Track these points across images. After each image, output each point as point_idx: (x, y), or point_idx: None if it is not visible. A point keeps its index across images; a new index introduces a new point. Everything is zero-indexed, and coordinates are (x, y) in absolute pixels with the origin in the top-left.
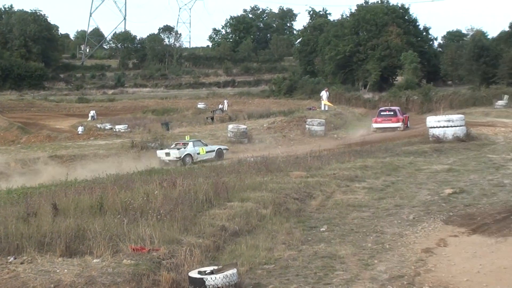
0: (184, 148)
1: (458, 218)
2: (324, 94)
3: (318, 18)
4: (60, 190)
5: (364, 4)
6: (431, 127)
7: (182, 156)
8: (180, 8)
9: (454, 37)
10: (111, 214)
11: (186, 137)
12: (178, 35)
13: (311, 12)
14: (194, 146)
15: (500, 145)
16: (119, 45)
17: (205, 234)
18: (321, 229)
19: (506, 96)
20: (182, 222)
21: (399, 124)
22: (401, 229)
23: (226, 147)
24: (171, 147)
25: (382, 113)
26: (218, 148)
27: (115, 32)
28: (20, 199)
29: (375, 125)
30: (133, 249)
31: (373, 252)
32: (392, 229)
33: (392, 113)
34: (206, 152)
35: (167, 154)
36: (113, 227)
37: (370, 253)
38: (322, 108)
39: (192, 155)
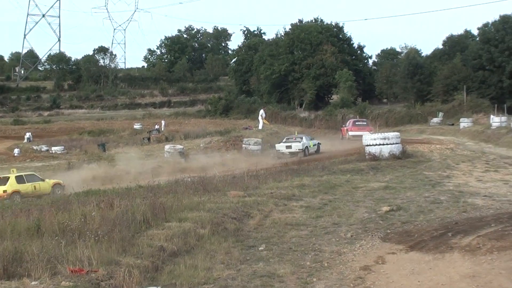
0: (300, 141)
1: (395, 235)
2: (263, 113)
3: (253, 38)
4: None
5: (298, 23)
6: (367, 145)
7: (304, 148)
8: (114, 29)
9: (388, 55)
10: (48, 236)
11: (295, 132)
12: (113, 56)
13: (246, 32)
14: (306, 140)
15: (435, 162)
16: (54, 66)
17: (144, 255)
18: (260, 248)
19: (441, 114)
20: (120, 243)
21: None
22: (339, 247)
23: (320, 142)
24: (283, 141)
25: (357, 123)
26: (318, 143)
27: (50, 53)
28: None
29: (351, 133)
30: (72, 271)
31: (312, 271)
32: (331, 247)
33: (364, 123)
34: (313, 145)
35: (288, 147)
36: (51, 249)
37: (309, 272)
38: (259, 127)
39: (308, 148)
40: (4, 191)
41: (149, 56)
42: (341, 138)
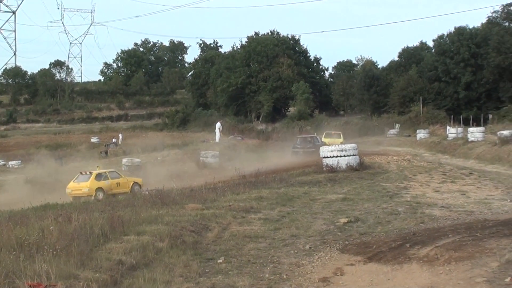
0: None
1: (354, 247)
2: (220, 126)
3: (209, 51)
4: None
5: (254, 36)
6: (325, 157)
7: None
8: (70, 43)
9: (344, 67)
10: (6, 250)
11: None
12: (69, 70)
13: (202, 45)
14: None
15: (393, 173)
16: (10, 80)
17: (102, 269)
18: (218, 261)
19: (397, 125)
20: (78, 257)
21: None
22: (298, 259)
23: None
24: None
25: None
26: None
27: (6, 67)
28: None
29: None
30: (30, 285)
31: (270, 283)
32: (289, 259)
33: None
34: None
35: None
36: (9, 264)
37: (267, 284)
38: (217, 140)
39: None
40: None
41: (106, 70)
42: None
